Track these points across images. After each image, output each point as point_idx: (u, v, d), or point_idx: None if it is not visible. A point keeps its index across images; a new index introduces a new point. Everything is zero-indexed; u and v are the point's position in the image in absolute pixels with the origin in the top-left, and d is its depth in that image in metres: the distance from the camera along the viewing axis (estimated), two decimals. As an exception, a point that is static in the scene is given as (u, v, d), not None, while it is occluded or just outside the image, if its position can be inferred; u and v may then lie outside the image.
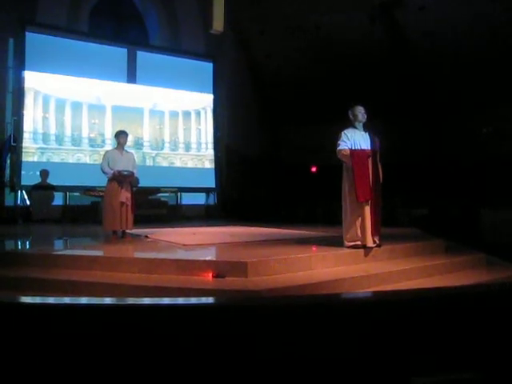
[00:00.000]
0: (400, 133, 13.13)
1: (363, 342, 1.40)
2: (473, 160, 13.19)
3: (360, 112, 5.63)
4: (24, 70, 11.28)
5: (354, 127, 5.68)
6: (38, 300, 2.03)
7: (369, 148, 5.56)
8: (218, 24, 10.93)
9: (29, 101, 11.44)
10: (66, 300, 1.98)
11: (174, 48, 14.09)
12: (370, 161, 5.53)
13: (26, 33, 11.35)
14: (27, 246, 7.21)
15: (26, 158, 11.29)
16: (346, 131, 5.66)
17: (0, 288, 4.38)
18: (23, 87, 11.29)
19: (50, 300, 1.98)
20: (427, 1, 12.37)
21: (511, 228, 8.59)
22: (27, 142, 11.36)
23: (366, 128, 5.72)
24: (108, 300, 2.04)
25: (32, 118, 11.48)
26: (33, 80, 11.46)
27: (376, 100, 8.65)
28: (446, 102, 13.74)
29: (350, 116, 5.69)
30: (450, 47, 12.62)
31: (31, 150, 11.44)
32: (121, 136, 7.10)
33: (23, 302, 1.82)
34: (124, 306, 1.63)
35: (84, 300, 1.97)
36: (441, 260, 5.78)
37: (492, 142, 12.99)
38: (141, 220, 8.24)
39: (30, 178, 11.18)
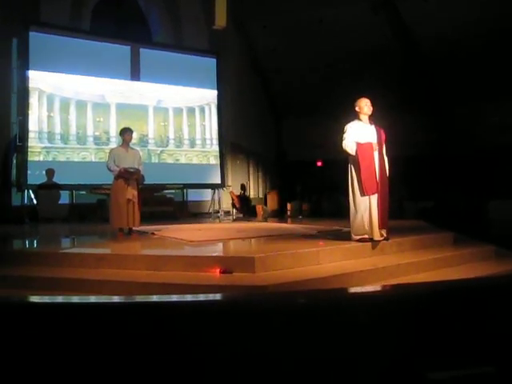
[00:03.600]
0: (406, 125, 13.03)
1: (374, 336, 1.38)
2: (481, 152, 13.10)
3: (366, 104, 5.59)
4: (28, 69, 11.27)
5: (360, 120, 5.64)
6: (46, 299, 2.03)
7: (375, 141, 5.53)
8: (221, 20, 10.91)
9: (33, 100, 11.44)
10: (75, 299, 1.97)
11: (177, 44, 14.07)
12: (376, 154, 5.50)
13: (30, 32, 11.33)
14: (34, 245, 7.24)
15: (31, 157, 11.31)
16: (351, 124, 5.62)
17: (8, 287, 4.38)
18: (27, 87, 11.29)
19: (59, 299, 1.98)
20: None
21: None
22: (32, 142, 11.37)
23: (371, 121, 5.68)
24: (116, 298, 2.03)
25: (37, 117, 11.49)
26: (37, 79, 11.46)
27: (381, 92, 8.59)
28: (453, 93, 13.64)
29: (356, 108, 5.65)
30: (455, 39, 12.51)
31: (37, 150, 11.45)
32: (126, 133, 7.10)
33: (31, 302, 1.82)
34: (132, 304, 1.62)
35: (93, 299, 1.96)
36: (449, 252, 5.75)
37: (500, 133, 12.90)
38: (147, 217, 8.25)
39: (36, 177, 11.20)
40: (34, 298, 2.10)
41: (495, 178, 12.16)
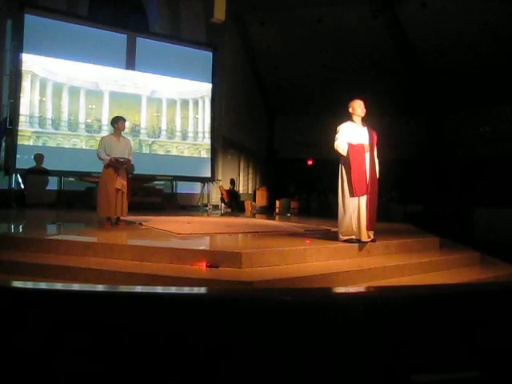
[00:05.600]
0: (400, 129, 13.10)
1: (358, 337, 1.39)
2: (470, 159, 13.20)
3: (360, 106, 5.59)
4: (22, 52, 11.17)
5: (353, 121, 5.64)
6: (29, 285, 2.01)
7: (366, 142, 5.54)
8: (220, 13, 10.87)
9: (26, 84, 11.34)
10: (58, 286, 1.96)
11: (174, 36, 13.99)
12: (367, 155, 5.51)
13: (25, 15, 11.22)
14: (20, 230, 7.17)
15: (21, 141, 11.21)
16: (343, 125, 5.62)
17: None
18: (21, 70, 11.18)
19: (42, 285, 1.97)
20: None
21: (504, 226, 8.62)
22: (23, 126, 11.27)
23: (364, 122, 5.69)
24: (100, 287, 2.02)
25: (29, 101, 11.39)
26: (30, 63, 11.36)
27: (376, 95, 8.61)
28: (447, 100, 13.72)
29: (349, 110, 5.65)
30: (451, 44, 12.57)
31: (27, 134, 11.35)
32: (119, 122, 7.04)
33: (14, 287, 1.80)
34: (116, 294, 1.61)
35: (76, 286, 1.95)
36: (435, 257, 5.79)
37: (490, 142, 13.00)
38: (135, 207, 8.21)
39: (24, 161, 11.11)
40: (17, 284, 2.08)
41: (482, 185, 12.26)
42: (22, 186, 11.15)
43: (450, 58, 12.88)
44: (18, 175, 11.13)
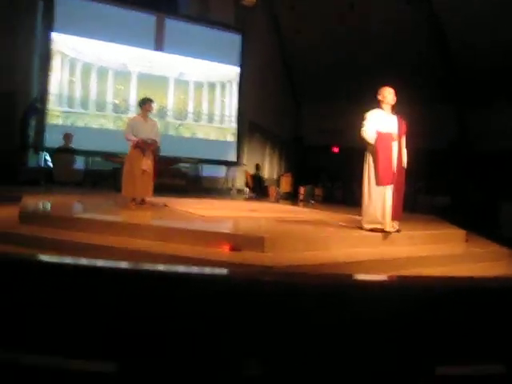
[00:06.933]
0: (428, 119, 12.84)
1: (381, 327, 1.37)
2: (498, 152, 12.90)
3: (390, 94, 5.49)
4: (52, 31, 11.26)
5: (382, 109, 5.55)
6: (54, 259, 2.04)
7: (395, 131, 5.45)
8: (250, -4, 10.77)
9: (56, 63, 11.45)
10: (83, 261, 1.98)
11: (203, 18, 13.92)
12: (394, 144, 5.43)
13: (56, -5, 11.30)
14: (47, 208, 7.29)
15: (50, 120, 11.36)
16: (372, 112, 5.54)
17: (18, 245, 4.44)
18: (50, 49, 11.29)
19: (67, 260, 1.99)
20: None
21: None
22: (52, 105, 11.41)
23: (393, 111, 5.59)
24: (124, 264, 2.04)
25: (58, 81, 11.50)
26: (60, 43, 11.46)
27: (405, 84, 8.44)
28: (477, 92, 13.37)
29: (379, 97, 5.55)
30: (488, 32, 12.21)
31: (56, 113, 11.50)
32: (147, 103, 7.08)
33: (40, 260, 1.82)
34: (139, 271, 1.62)
35: (100, 262, 1.97)
36: (460, 250, 5.70)
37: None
38: (160, 189, 8.27)
39: (53, 140, 11.26)
40: (44, 257, 2.12)
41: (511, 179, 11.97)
42: (51, 165, 11.32)
43: (483, 51, 12.52)
44: (47, 153, 11.31)
